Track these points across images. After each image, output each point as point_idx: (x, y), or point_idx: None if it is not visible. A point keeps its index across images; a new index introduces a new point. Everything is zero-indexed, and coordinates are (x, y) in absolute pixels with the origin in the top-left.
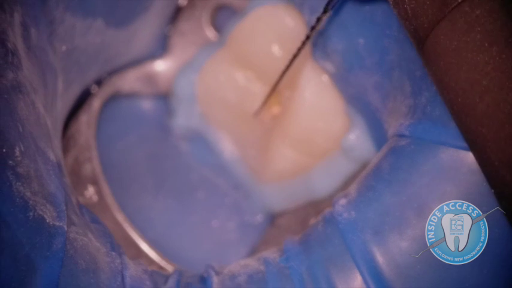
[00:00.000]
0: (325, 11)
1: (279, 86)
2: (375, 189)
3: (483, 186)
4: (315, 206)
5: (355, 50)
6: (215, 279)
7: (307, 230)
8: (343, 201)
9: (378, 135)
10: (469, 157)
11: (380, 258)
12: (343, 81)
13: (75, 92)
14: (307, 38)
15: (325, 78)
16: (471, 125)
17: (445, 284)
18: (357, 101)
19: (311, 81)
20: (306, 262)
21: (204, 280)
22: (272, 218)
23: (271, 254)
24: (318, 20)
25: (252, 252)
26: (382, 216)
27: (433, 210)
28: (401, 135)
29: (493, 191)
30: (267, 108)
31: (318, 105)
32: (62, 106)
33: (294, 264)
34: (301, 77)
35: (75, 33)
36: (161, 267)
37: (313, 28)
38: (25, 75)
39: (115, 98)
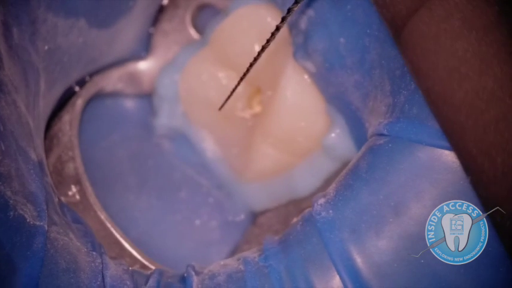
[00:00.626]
0: (296, 1)
1: (258, 84)
2: (352, 188)
3: (459, 184)
4: (297, 205)
5: (336, 50)
6: (195, 279)
7: (287, 230)
8: (321, 201)
9: (359, 134)
10: (445, 155)
11: (357, 257)
12: (324, 81)
13: (58, 91)
14: (277, 29)
15: (306, 77)
16: (449, 113)
17: (422, 281)
18: (337, 101)
19: (292, 80)
20: (284, 261)
21: (184, 280)
22: (254, 217)
23: (251, 253)
24: (289, 11)
25: (234, 250)
26: (360, 214)
27: (410, 208)
28: (379, 134)
29: (469, 178)
30: (247, 107)
31: (299, 105)
32: (45, 106)
33: (273, 263)
34: (282, 77)
35: (58, 33)
36: (144, 266)
37: (283, 19)
38: (6, 74)
39: (98, 97)
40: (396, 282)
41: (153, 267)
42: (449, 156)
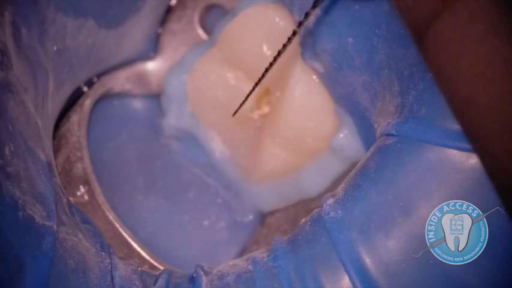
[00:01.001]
0: (314, 6)
1: (266, 84)
2: (361, 188)
3: (467, 184)
4: (305, 205)
5: (344, 50)
6: (204, 279)
7: (296, 230)
8: (330, 201)
9: (368, 134)
10: (454, 155)
11: (366, 257)
12: (332, 81)
13: (66, 92)
14: (294, 33)
15: (314, 78)
16: (473, 117)
17: (431, 282)
18: (346, 101)
19: (300, 81)
20: (293, 261)
21: (193, 280)
22: (262, 217)
23: (259, 253)
24: (306, 15)
25: (243, 251)
26: (368, 215)
27: (418, 208)
28: (388, 135)
29: (494, 184)
30: (256, 108)
31: (308, 105)
32: (53, 106)
33: (282, 263)
34: (290, 77)
35: (66, 34)
36: (153, 266)
37: (300, 24)
38: (15, 74)
39: (106, 97)
40: (405, 282)
41: (161, 268)
42: (457, 157)
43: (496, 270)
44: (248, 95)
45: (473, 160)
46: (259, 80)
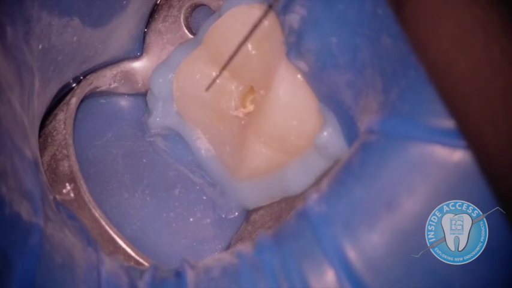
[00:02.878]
0: None
1: (251, 83)
2: (345, 183)
3: (451, 179)
4: (290, 203)
5: (328, 49)
6: (190, 273)
7: (281, 225)
8: (315, 196)
9: (351, 132)
10: (437, 151)
11: (350, 251)
12: (316, 80)
13: (52, 90)
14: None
15: (299, 77)
16: (452, 84)
17: (416, 276)
18: (329, 99)
19: (285, 80)
20: (278, 255)
21: (179, 274)
22: (247, 214)
23: (245, 247)
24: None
25: (228, 247)
26: (352, 209)
27: (401, 203)
28: (371, 131)
29: (472, 151)
30: (241, 106)
31: (292, 104)
32: (39, 104)
33: (267, 256)
34: (275, 76)
35: (52, 32)
36: (138, 263)
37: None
38: (0, 73)
39: (92, 96)
40: (390, 276)
41: (147, 264)
42: (441, 152)
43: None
44: (218, 75)
45: (456, 155)
46: (228, 60)
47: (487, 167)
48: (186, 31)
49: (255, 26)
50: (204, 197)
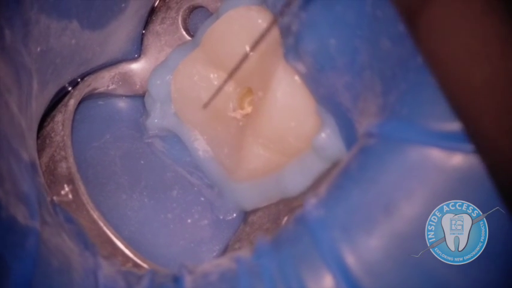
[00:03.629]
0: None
1: (249, 84)
2: (343, 188)
3: (449, 183)
4: (287, 204)
5: (326, 51)
6: (188, 278)
7: (279, 229)
8: (313, 200)
9: (349, 134)
10: (436, 154)
11: (348, 255)
12: (314, 82)
13: (50, 92)
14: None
15: (296, 78)
16: (468, 96)
17: (414, 280)
18: (328, 101)
19: (283, 81)
20: (276, 260)
21: (177, 279)
22: (245, 216)
23: (243, 252)
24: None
25: (225, 249)
26: (351, 214)
27: (400, 207)
28: (370, 135)
29: (485, 162)
30: (239, 108)
31: (290, 106)
32: (37, 106)
33: (265, 261)
34: (273, 78)
35: (50, 35)
36: (136, 264)
37: (282, 13)
38: None
39: (91, 97)
40: (388, 280)
41: (145, 266)
42: (439, 155)
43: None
44: (221, 87)
45: (455, 159)
46: (233, 70)
47: (501, 179)
48: (184, 33)
49: (262, 36)
50: (202, 199)
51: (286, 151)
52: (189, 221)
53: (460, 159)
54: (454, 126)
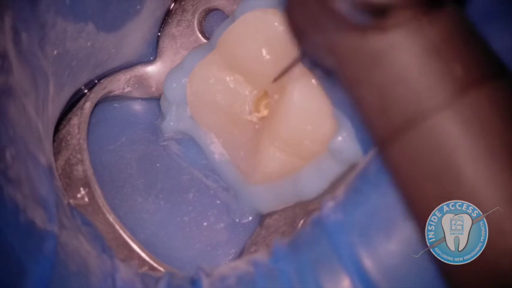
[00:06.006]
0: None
1: (265, 87)
2: (361, 191)
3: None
4: (304, 207)
5: None
6: (205, 281)
7: (296, 232)
8: (331, 204)
9: (366, 137)
10: None
11: (366, 260)
12: (330, 84)
13: (66, 95)
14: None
15: (313, 81)
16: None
17: (433, 285)
18: (344, 104)
19: (299, 84)
20: (294, 263)
21: (194, 282)
22: (261, 219)
23: (260, 255)
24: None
25: (242, 252)
26: (369, 218)
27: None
28: None
29: None
30: (255, 111)
31: (306, 108)
32: (54, 109)
33: (283, 265)
34: (289, 80)
35: (67, 38)
36: (152, 267)
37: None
38: (16, 79)
39: (106, 100)
40: (406, 285)
41: (161, 269)
42: None
43: None
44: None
45: None
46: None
47: None
48: (200, 35)
49: (291, 65)
50: (218, 202)
51: (302, 154)
52: (205, 224)
53: None
54: None
